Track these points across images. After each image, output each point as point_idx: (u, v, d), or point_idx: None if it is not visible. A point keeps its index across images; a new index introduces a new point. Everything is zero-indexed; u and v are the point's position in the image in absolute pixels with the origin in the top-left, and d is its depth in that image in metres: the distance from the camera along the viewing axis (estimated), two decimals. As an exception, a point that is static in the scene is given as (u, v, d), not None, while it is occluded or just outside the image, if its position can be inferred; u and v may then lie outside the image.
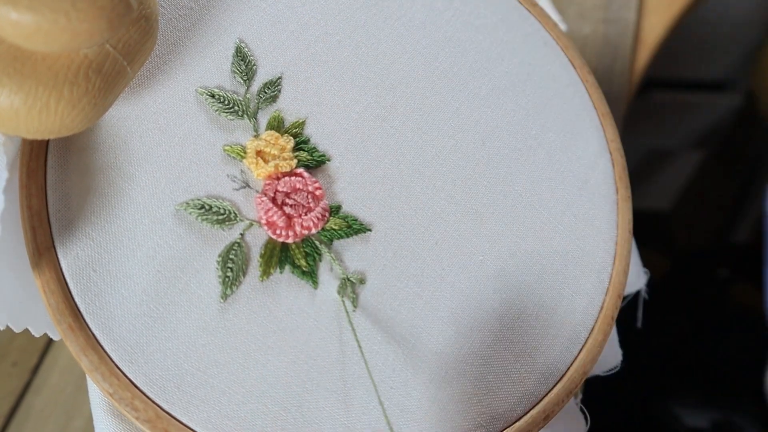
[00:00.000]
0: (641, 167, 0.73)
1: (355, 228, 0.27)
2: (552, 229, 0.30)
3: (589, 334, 0.29)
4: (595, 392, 0.34)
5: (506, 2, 0.33)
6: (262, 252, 0.26)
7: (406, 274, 0.27)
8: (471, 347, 0.27)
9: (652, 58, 0.61)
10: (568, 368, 0.29)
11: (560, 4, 0.60)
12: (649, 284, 0.37)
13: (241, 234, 0.26)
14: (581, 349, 0.29)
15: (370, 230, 0.27)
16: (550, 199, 0.30)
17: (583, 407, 0.32)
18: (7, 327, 0.25)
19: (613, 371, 0.33)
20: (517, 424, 0.27)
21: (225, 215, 0.26)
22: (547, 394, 0.28)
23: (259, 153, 0.27)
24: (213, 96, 0.27)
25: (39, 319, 0.26)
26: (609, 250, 0.31)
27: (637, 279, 0.35)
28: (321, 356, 0.25)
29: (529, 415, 0.28)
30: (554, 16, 0.42)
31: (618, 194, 0.32)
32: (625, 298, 0.35)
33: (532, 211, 0.30)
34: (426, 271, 0.28)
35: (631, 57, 0.59)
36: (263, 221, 0.26)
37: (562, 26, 0.38)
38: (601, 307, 0.30)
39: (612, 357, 0.33)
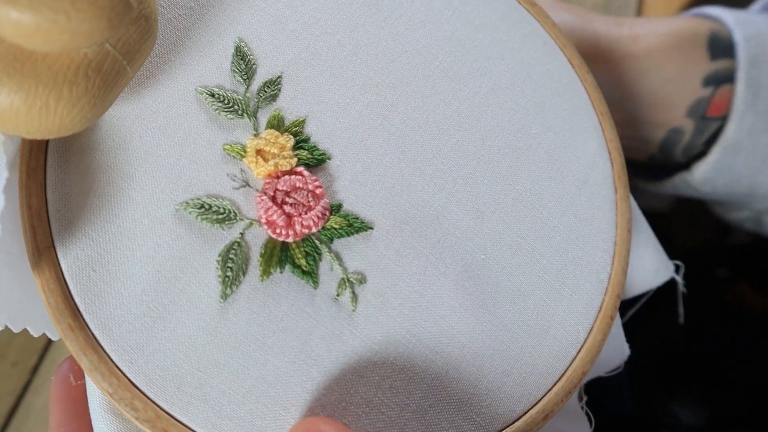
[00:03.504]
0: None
1: (356, 226, 0.27)
2: (552, 228, 0.30)
3: (588, 334, 0.29)
4: (595, 391, 0.34)
5: (505, 1, 0.33)
6: (262, 251, 0.26)
7: (409, 272, 0.27)
8: (471, 347, 0.27)
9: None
10: (567, 368, 0.29)
11: (560, 4, 0.60)
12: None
13: (241, 233, 0.26)
14: (580, 349, 0.29)
15: (371, 228, 0.27)
16: (550, 198, 0.30)
17: (588, 410, 0.32)
18: (6, 327, 0.25)
19: (615, 372, 0.33)
20: (517, 423, 0.27)
21: (225, 214, 0.26)
22: (546, 394, 0.28)
23: (259, 152, 0.27)
24: (213, 95, 0.27)
25: (38, 319, 0.26)
26: (608, 249, 0.31)
27: (655, 275, 0.35)
28: (321, 356, 0.25)
29: (528, 414, 0.27)
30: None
31: (617, 194, 0.32)
32: (643, 295, 0.35)
33: (532, 210, 0.30)
34: (428, 270, 0.28)
35: (630, 57, 0.59)
36: (263, 220, 0.26)
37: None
38: (600, 307, 0.30)
39: (616, 356, 0.33)
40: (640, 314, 0.37)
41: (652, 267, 0.35)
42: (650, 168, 0.48)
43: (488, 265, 0.28)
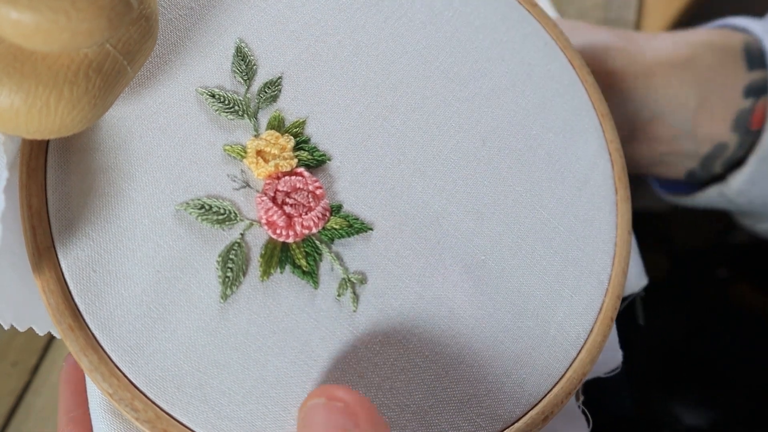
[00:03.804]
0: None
1: (356, 227, 0.27)
2: (552, 230, 0.30)
3: (588, 335, 0.29)
4: (593, 391, 0.34)
5: (506, 2, 0.33)
6: (263, 252, 0.26)
7: (408, 274, 0.27)
8: (472, 348, 0.27)
9: (652, 58, 0.60)
10: (567, 369, 0.29)
11: (560, 4, 0.60)
12: (649, 284, 0.37)
13: (242, 234, 0.26)
14: (580, 350, 0.29)
15: (371, 229, 0.27)
16: (550, 199, 0.30)
17: (585, 409, 0.32)
18: (10, 326, 0.25)
19: (614, 372, 0.33)
20: (517, 424, 0.27)
21: (225, 215, 0.26)
22: (546, 395, 0.28)
23: (259, 153, 0.27)
24: (213, 96, 0.27)
25: (42, 317, 0.26)
26: (608, 251, 0.31)
27: (638, 279, 0.35)
28: (321, 357, 0.25)
29: (528, 415, 0.27)
30: (554, 16, 0.42)
31: (617, 195, 0.32)
32: (625, 298, 0.35)
33: (532, 211, 0.30)
34: (428, 271, 0.28)
35: (630, 57, 0.59)
36: (263, 221, 0.26)
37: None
38: (600, 308, 0.30)
39: (612, 358, 0.33)
40: (632, 316, 0.38)
41: (636, 271, 0.35)
42: (682, 182, 0.48)
43: (488, 267, 0.28)
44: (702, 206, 0.48)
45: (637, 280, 0.35)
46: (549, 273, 0.29)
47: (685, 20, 0.63)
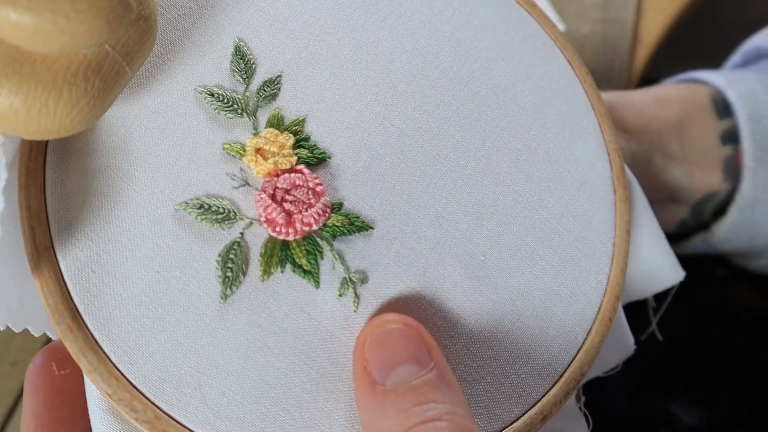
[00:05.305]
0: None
1: (357, 225, 0.27)
2: (551, 230, 0.30)
3: (587, 335, 0.29)
4: (592, 390, 0.34)
5: (505, 3, 0.33)
6: (263, 251, 0.26)
7: (409, 273, 0.27)
8: (470, 348, 0.27)
9: (651, 58, 0.61)
10: (566, 369, 0.29)
11: (559, 4, 0.60)
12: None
13: (241, 233, 0.26)
14: (579, 350, 0.29)
15: (372, 228, 0.27)
16: (549, 200, 0.30)
17: (585, 410, 0.32)
18: (7, 327, 0.25)
19: (613, 372, 0.33)
20: (515, 424, 0.27)
21: (224, 214, 0.26)
22: (544, 395, 0.28)
23: (258, 151, 0.27)
24: (212, 95, 0.27)
25: (38, 318, 0.26)
26: (607, 251, 0.31)
27: (674, 272, 0.35)
28: (321, 357, 0.25)
29: (526, 415, 0.28)
30: (553, 16, 0.42)
31: (616, 195, 0.32)
32: (665, 294, 0.35)
33: (531, 211, 0.30)
34: (428, 271, 0.28)
35: (629, 57, 0.59)
36: (263, 218, 0.26)
37: (561, 26, 0.38)
38: (599, 309, 0.30)
39: (618, 354, 0.33)
40: (639, 314, 0.38)
41: (670, 263, 0.35)
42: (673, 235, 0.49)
43: (487, 267, 0.28)
44: (689, 254, 0.49)
45: (672, 273, 0.34)
46: (548, 273, 0.29)
47: (685, 20, 0.63)
